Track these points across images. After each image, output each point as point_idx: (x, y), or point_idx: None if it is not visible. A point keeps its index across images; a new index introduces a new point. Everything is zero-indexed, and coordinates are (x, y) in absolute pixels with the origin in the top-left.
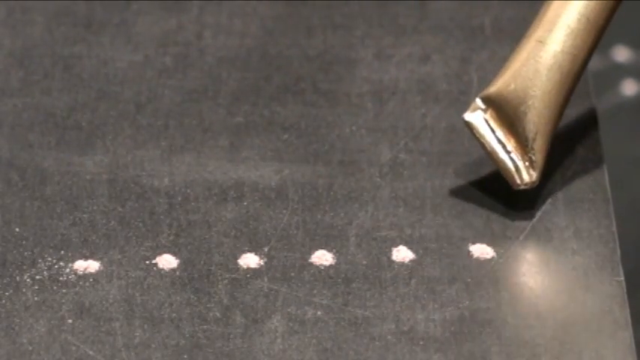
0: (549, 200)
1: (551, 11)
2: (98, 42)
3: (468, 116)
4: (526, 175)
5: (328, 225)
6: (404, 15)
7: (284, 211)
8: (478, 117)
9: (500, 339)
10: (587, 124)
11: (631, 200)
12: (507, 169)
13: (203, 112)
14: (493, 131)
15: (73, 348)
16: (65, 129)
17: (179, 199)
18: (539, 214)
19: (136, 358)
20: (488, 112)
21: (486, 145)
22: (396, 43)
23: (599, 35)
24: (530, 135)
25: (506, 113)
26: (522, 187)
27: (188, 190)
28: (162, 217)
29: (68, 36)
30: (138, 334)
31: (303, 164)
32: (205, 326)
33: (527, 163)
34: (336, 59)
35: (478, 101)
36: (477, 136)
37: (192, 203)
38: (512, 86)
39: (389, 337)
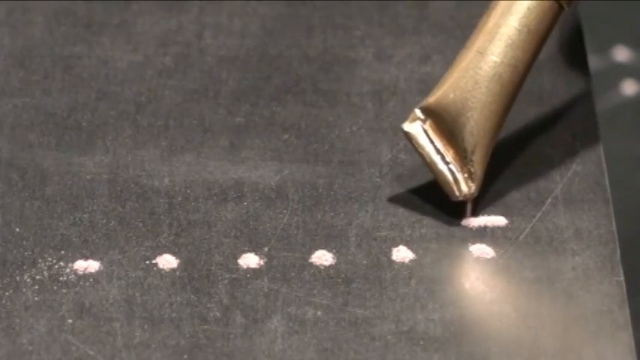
0: (549, 200)
1: (491, 22)
2: (98, 42)
3: (407, 126)
4: (465, 187)
5: (328, 225)
6: (404, 15)
7: (284, 211)
8: (417, 127)
9: (500, 339)
10: (587, 124)
11: (631, 200)
12: (446, 181)
13: (203, 112)
14: (432, 142)
15: (73, 348)
16: (65, 129)
17: (179, 199)
18: (539, 214)
19: (136, 358)
20: (428, 122)
21: (425, 155)
22: (396, 43)
23: (539, 45)
24: (469, 147)
25: (446, 124)
26: (460, 198)
27: (188, 190)
28: (162, 217)
29: (68, 36)
30: (138, 334)
31: (303, 164)
32: (205, 326)
33: (465, 175)
34: (336, 59)
35: (417, 112)
36: (416, 146)
37: (192, 203)
38: (452, 97)
39: (389, 337)
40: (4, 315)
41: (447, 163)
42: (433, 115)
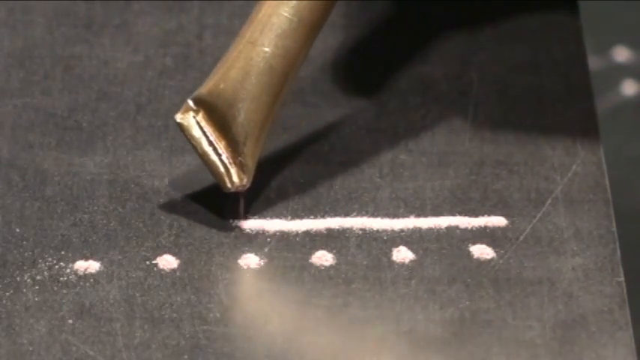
0: (549, 201)
1: (262, 12)
2: (98, 42)
3: (180, 117)
4: (236, 179)
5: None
6: (404, 15)
7: (284, 211)
8: (189, 118)
9: (500, 339)
10: (587, 124)
11: (631, 200)
12: (218, 172)
13: None
14: (205, 133)
15: (74, 348)
16: (65, 129)
17: (179, 199)
18: (539, 214)
19: (136, 358)
20: (200, 113)
21: (197, 147)
22: (397, 44)
23: (312, 35)
24: (241, 138)
25: (218, 115)
26: (232, 190)
27: (188, 190)
28: (162, 217)
29: (68, 36)
30: (138, 334)
31: (303, 164)
32: (205, 326)
33: (237, 167)
34: (336, 59)
35: (190, 102)
36: (189, 137)
37: (192, 203)
38: (222, 87)
39: (389, 337)
40: (5, 315)
41: (219, 155)
42: (205, 106)
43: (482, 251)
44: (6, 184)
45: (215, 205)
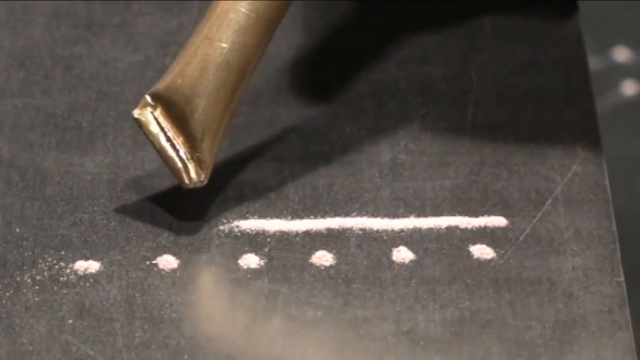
0: (549, 201)
1: (219, 7)
2: (99, 42)
3: (137, 113)
4: (194, 175)
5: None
6: (404, 15)
7: (284, 212)
8: (147, 114)
9: (500, 339)
10: (587, 124)
11: (631, 200)
12: (176, 168)
13: None
14: (162, 129)
15: (74, 348)
16: (66, 129)
17: (179, 199)
18: (539, 214)
19: (136, 358)
20: (158, 109)
21: (155, 143)
22: (396, 43)
23: (270, 31)
24: (198, 134)
25: (175, 111)
26: (191, 186)
27: (188, 191)
28: (162, 217)
29: (68, 36)
30: (138, 334)
31: (303, 164)
32: (205, 326)
33: (195, 163)
34: (336, 59)
35: (147, 98)
36: (146, 133)
37: (193, 203)
38: (180, 83)
39: (389, 337)
40: (5, 315)
41: (176, 151)
42: (163, 101)
43: (482, 251)
44: (6, 184)
45: (215, 205)
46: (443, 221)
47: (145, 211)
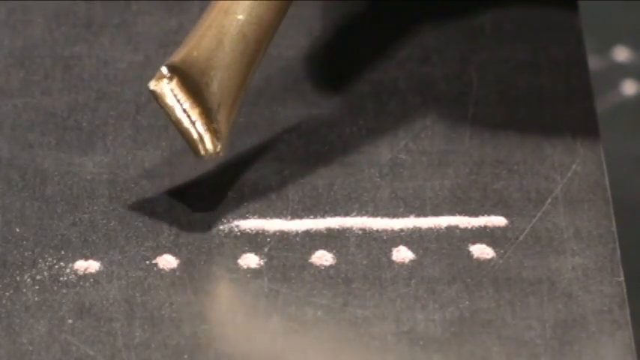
0: (549, 200)
1: None
2: (98, 42)
3: (153, 85)
4: (210, 146)
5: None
6: (404, 15)
7: (284, 211)
8: (163, 86)
9: (500, 339)
10: (587, 124)
11: (631, 200)
12: (191, 139)
13: None
14: (178, 101)
15: (73, 348)
16: (65, 129)
17: (179, 199)
18: (539, 214)
19: (136, 358)
20: (173, 81)
21: (171, 114)
22: (396, 43)
23: (286, 4)
24: (214, 106)
25: (191, 83)
26: (207, 157)
27: (188, 190)
28: (162, 217)
29: (68, 36)
30: (138, 334)
31: (303, 164)
32: (205, 326)
33: (211, 134)
34: (336, 59)
35: (164, 70)
36: (162, 105)
37: (192, 203)
38: (195, 55)
39: (389, 337)
40: (4, 315)
41: (192, 122)
42: (179, 73)
43: (482, 251)
44: (6, 184)
45: (215, 205)
46: (443, 221)
47: (145, 211)
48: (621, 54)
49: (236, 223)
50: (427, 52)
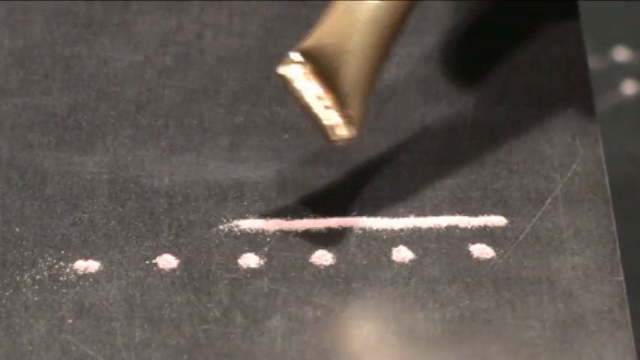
0: (549, 200)
1: None
2: (98, 42)
3: (283, 69)
4: (343, 131)
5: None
6: None
7: (284, 211)
8: (293, 70)
9: (500, 338)
10: (587, 123)
11: (631, 200)
12: (322, 125)
13: (203, 112)
14: (308, 85)
15: (73, 348)
16: (65, 129)
17: (179, 199)
18: (539, 214)
19: (135, 358)
20: (305, 65)
21: (300, 99)
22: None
23: None
24: (346, 91)
25: (323, 67)
26: (339, 142)
27: (188, 190)
28: (162, 217)
29: (68, 36)
30: (138, 334)
31: (303, 164)
32: (205, 326)
33: (344, 119)
34: None
35: (293, 55)
36: (291, 90)
37: (192, 203)
38: (329, 40)
39: (389, 336)
40: (4, 315)
41: (324, 107)
42: (310, 58)
43: (481, 251)
44: (6, 184)
45: (215, 205)
46: (442, 221)
47: (145, 210)
48: (621, 54)
49: (236, 222)
50: (427, 52)
